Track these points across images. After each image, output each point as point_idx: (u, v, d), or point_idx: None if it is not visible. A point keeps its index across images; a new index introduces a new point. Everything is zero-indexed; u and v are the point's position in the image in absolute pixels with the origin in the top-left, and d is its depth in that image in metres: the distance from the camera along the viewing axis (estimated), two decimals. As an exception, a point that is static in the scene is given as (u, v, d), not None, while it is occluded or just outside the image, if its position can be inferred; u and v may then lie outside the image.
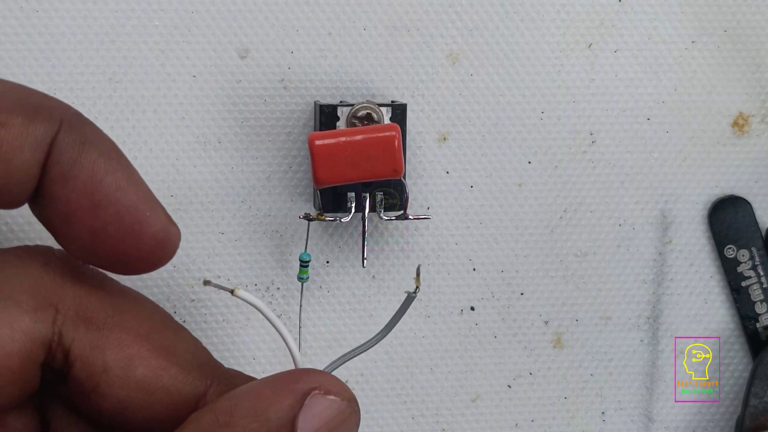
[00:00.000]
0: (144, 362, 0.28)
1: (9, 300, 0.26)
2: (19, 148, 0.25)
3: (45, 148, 0.26)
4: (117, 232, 0.27)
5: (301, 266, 0.36)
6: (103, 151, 0.27)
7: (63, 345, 0.27)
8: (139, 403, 0.28)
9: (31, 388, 0.28)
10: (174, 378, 0.28)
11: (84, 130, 0.27)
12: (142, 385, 0.28)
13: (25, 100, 0.26)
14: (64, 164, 0.26)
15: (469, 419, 0.40)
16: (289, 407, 0.26)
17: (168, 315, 0.30)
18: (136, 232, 0.27)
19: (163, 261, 0.28)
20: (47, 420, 0.30)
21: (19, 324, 0.26)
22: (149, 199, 0.27)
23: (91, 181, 0.26)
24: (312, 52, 0.37)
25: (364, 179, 0.33)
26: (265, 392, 0.27)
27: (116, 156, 0.27)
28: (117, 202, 0.27)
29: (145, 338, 0.28)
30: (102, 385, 0.28)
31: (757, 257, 0.40)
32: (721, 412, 0.42)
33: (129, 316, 0.28)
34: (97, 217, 0.26)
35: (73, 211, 0.26)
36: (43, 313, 0.27)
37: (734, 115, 0.40)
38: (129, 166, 0.27)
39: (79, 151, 0.26)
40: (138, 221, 0.27)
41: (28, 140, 0.26)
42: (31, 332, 0.26)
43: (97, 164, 0.26)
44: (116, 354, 0.28)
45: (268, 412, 0.26)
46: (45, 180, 0.26)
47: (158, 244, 0.27)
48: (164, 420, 0.28)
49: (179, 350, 0.29)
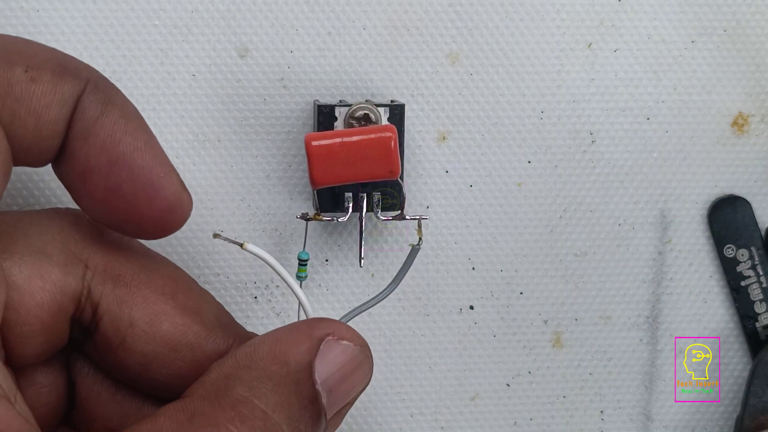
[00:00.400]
0: (169, 319, 0.29)
1: (41, 253, 0.27)
2: (48, 103, 0.26)
3: (71, 105, 0.27)
4: (131, 192, 0.27)
5: (300, 265, 0.36)
6: (125, 113, 0.28)
7: (92, 299, 0.29)
8: (164, 358, 0.29)
9: (60, 342, 0.29)
10: (198, 335, 0.30)
11: (108, 92, 0.28)
12: (167, 341, 0.29)
13: (54, 60, 0.27)
14: (87, 121, 0.27)
15: (468, 418, 0.41)
16: (306, 351, 0.28)
17: (192, 279, 0.32)
18: (149, 193, 0.28)
19: (174, 226, 0.29)
20: (73, 378, 0.31)
21: (50, 276, 0.27)
22: (164, 164, 0.28)
23: (111, 139, 0.27)
24: (312, 51, 0.37)
25: (361, 180, 0.33)
26: (283, 338, 0.28)
27: (136, 119, 0.28)
28: (132, 162, 0.27)
29: (170, 297, 0.30)
30: (128, 339, 0.29)
31: (757, 257, 0.40)
32: (720, 411, 0.42)
33: (155, 275, 0.30)
34: (112, 174, 0.27)
35: (91, 168, 0.27)
36: (73, 267, 0.28)
37: (734, 114, 0.40)
38: (148, 131, 0.28)
39: (102, 110, 0.27)
40: (151, 183, 0.28)
41: (57, 96, 0.27)
42: (62, 285, 0.28)
43: (118, 124, 0.27)
44: (143, 310, 0.29)
45: (287, 355, 0.27)
46: (68, 136, 0.27)
47: (170, 207, 0.28)
48: (187, 377, 0.29)
49: (203, 310, 0.30)
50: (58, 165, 0.28)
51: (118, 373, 0.30)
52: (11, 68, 0.26)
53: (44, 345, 0.28)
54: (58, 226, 0.29)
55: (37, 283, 0.27)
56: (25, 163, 0.28)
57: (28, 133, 0.27)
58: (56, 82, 0.27)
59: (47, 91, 0.26)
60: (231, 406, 0.26)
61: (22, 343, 0.27)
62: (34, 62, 0.26)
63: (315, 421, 0.27)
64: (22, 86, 0.26)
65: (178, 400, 0.27)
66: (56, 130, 0.27)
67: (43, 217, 0.29)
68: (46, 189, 0.36)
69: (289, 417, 0.27)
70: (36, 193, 0.36)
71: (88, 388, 0.31)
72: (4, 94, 0.26)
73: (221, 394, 0.26)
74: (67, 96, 0.27)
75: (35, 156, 0.27)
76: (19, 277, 0.27)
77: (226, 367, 0.28)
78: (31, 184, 0.36)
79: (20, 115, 0.26)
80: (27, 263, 0.27)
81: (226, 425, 0.25)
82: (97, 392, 0.31)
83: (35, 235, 0.28)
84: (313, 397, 0.27)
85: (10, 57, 0.26)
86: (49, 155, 0.28)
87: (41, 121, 0.27)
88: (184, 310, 0.30)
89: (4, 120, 0.26)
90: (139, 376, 0.30)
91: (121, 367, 0.30)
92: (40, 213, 0.29)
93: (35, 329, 0.27)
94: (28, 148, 0.27)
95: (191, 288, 0.31)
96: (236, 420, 0.25)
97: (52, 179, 0.36)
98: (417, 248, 0.34)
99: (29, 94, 0.26)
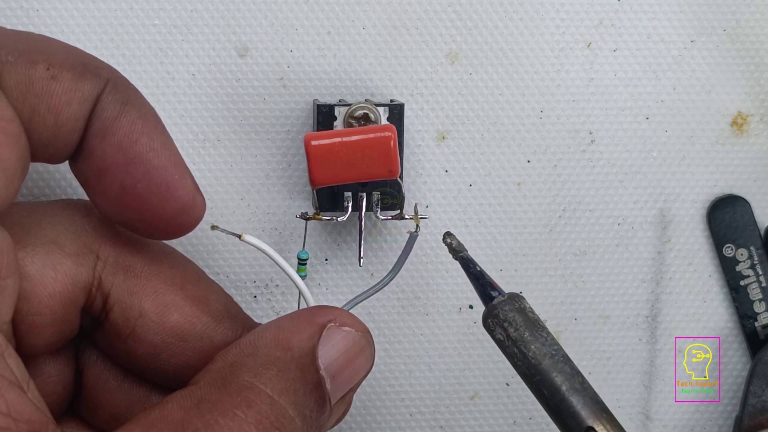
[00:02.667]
0: (178, 310, 0.30)
1: (53, 244, 0.28)
2: (67, 101, 0.27)
3: (91, 103, 0.27)
4: (145, 191, 0.28)
5: (299, 264, 0.36)
6: (143, 113, 0.28)
7: (102, 290, 0.29)
8: (173, 348, 0.30)
9: (70, 332, 0.29)
10: (206, 326, 0.30)
11: (127, 92, 0.28)
12: (176, 332, 0.30)
13: (75, 59, 0.28)
14: (105, 120, 0.28)
15: (467, 417, 0.41)
16: (309, 337, 0.28)
17: (201, 270, 0.32)
18: (163, 193, 0.28)
19: (187, 228, 0.29)
20: (80, 367, 0.31)
21: (62, 266, 0.28)
22: (179, 165, 0.29)
23: (127, 138, 0.28)
24: (311, 51, 0.38)
25: (360, 180, 0.34)
26: (285, 325, 0.29)
27: (154, 120, 0.28)
28: (148, 162, 0.28)
29: (179, 288, 0.30)
30: (138, 329, 0.29)
31: (756, 256, 0.40)
32: (720, 411, 0.42)
33: (165, 267, 0.30)
34: (128, 173, 0.28)
35: (107, 166, 0.28)
36: (84, 258, 0.28)
37: (733, 114, 0.40)
38: (165, 133, 0.29)
39: (120, 110, 0.28)
40: (165, 183, 0.28)
41: (77, 95, 0.27)
42: (73, 275, 0.28)
43: (135, 124, 0.28)
44: (152, 301, 0.29)
45: (290, 341, 0.28)
46: (86, 134, 0.28)
47: (183, 208, 0.29)
48: (196, 366, 0.29)
49: (212, 301, 0.31)
50: (75, 162, 0.29)
51: (127, 362, 0.30)
52: (33, 66, 0.26)
53: (55, 335, 0.28)
54: (70, 217, 0.29)
55: (50, 273, 0.27)
56: (43, 159, 0.28)
57: (47, 130, 0.27)
58: (77, 81, 0.27)
59: (67, 89, 0.27)
60: (237, 391, 0.26)
61: (33, 333, 0.27)
62: (56, 60, 0.27)
63: (320, 405, 0.28)
64: (43, 84, 0.26)
65: (185, 388, 0.27)
66: (75, 127, 0.27)
67: (56, 208, 0.29)
68: (63, 185, 0.36)
69: (295, 402, 0.27)
70: (52, 189, 0.36)
71: (96, 376, 0.31)
72: (25, 91, 0.26)
73: (227, 380, 0.27)
74: (87, 95, 0.27)
75: (53, 152, 0.28)
76: (31, 268, 0.27)
77: (231, 355, 0.28)
78: (46, 181, 0.36)
79: (40, 111, 0.27)
80: (40, 254, 0.27)
81: (232, 410, 0.25)
82: (105, 381, 0.31)
83: (48, 225, 0.28)
84: (317, 383, 0.28)
85: (32, 55, 0.27)
86: (67, 152, 0.28)
87: (60, 118, 0.27)
88: (193, 301, 0.30)
89: (24, 116, 0.26)
90: (147, 365, 0.30)
91: (130, 356, 0.30)
92: (53, 204, 0.30)
93: (47, 319, 0.27)
94: (47, 144, 0.27)
95: (200, 279, 0.31)
96: (243, 405, 0.26)
97: (68, 176, 0.36)
98: (415, 235, 0.35)
99: (50, 92, 0.27)
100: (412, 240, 0.35)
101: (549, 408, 0.30)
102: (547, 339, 0.30)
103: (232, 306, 0.32)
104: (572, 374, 0.30)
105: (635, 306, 0.41)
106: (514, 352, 0.30)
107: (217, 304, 0.31)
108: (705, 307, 0.41)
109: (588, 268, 0.41)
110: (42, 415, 0.24)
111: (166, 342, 0.30)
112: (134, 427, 0.25)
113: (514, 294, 0.31)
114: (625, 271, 0.41)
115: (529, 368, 0.30)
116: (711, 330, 0.41)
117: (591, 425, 0.29)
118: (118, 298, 0.29)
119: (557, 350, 0.30)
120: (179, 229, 0.29)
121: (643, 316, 0.41)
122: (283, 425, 0.26)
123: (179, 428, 0.25)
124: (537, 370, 0.30)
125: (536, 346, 0.30)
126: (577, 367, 0.31)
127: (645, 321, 0.41)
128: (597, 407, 0.30)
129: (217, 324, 0.30)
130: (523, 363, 0.30)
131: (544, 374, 0.30)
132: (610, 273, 0.41)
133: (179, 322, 0.30)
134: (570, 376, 0.30)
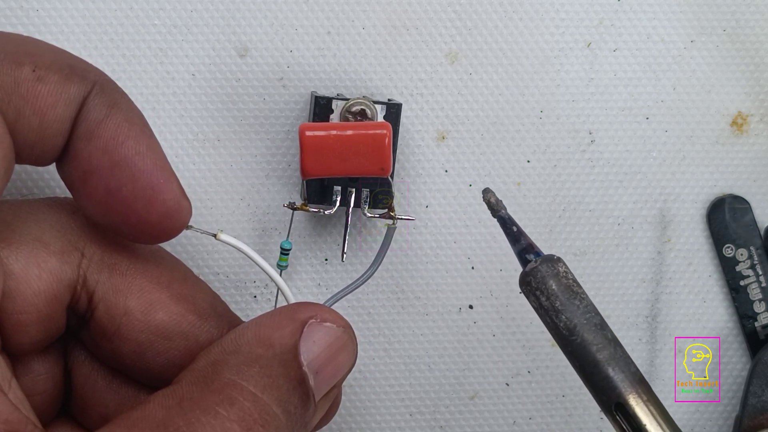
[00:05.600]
0: (164, 308, 0.30)
1: (37, 242, 0.28)
2: (53, 103, 0.27)
3: (77, 106, 0.27)
4: (131, 194, 0.28)
5: (282, 254, 0.36)
6: (129, 117, 0.28)
7: (87, 288, 0.29)
8: (158, 347, 0.30)
9: (56, 330, 0.29)
10: (192, 324, 0.30)
11: (114, 95, 0.28)
12: (161, 330, 0.30)
13: (62, 61, 0.28)
14: (91, 122, 0.27)
15: (467, 417, 0.41)
16: (290, 334, 0.28)
17: (188, 269, 0.32)
18: (149, 197, 0.28)
19: (172, 232, 0.29)
20: (69, 367, 0.31)
21: (47, 264, 0.28)
22: (165, 169, 0.28)
23: (113, 141, 0.28)
24: (311, 50, 0.38)
25: (352, 174, 0.33)
26: (266, 322, 0.29)
27: (140, 124, 0.28)
28: (134, 166, 0.28)
29: (165, 286, 0.30)
30: (123, 328, 0.29)
31: (756, 256, 0.40)
32: (720, 411, 0.42)
33: (151, 265, 0.30)
34: (113, 176, 0.28)
35: (93, 169, 0.28)
36: (69, 255, 0.28)
37: (733, 114, 0.40)
38: (152, 136, 0.29)
39: (106, 112, 0.28)
40: (151, 187, 0.28)
41: (63, 97, 0.27)
42: (58, 273, 0.28)
43: (121, 127, 0.28)
44: (137, 299, 0.29)
45: (272, 338, 0.28)
46: (72, 137, 0.28)
47: (168, 212, 0.28)
48: (182, 365, 0.29)
49: (197, 299, 0.31)
50: (61, 165, 0.29)
51: (114, 361, 0.30)
52: (19, 67, 0.26)
53: (41, 333, 0.28)
54: (55, 215, 0.29)
55: (34, 271, 0.27)
56: (28, 161, 0.28)
57: (32, 132, 0.27)
58: (63, 83, 0.27)
59: (53, 92, 0.27)
60: (219, 389, 0.26)
61: (18, 331, 0.27)
62: (42, 62, 0.27)
63: (304, 402, 0.28)
64: (29, 85, 0.26)
65: (167, 387, 0.27)
66: (60, 129, 0.27)
67: (41, 205, 0.29)
68: (52, 185, 0.36)
69: (279, 398, 0.27)
70: (41, 189, 0.36)
71: (85, 376, 0.31)
72: (11, 92, 0.26)
73: (209, 379, 0.27)
74: (73, 97, 0.27)
75: (39, 154, 0.28)
76: (16, 266, 0.27)
77: (213, 354, 0.28)
78: (35, 181, 0.36)
79: (25, 113, 0.26)
80: (24, 252, 0.27)
81: (214, 408, 0.25)
82: (94, 380, 0.31)
83: (33, 223, 0.28)
84: (300, 379, 0.28)
85: (18, 56, 0.27)
86: (53, 155, 0.28)
87: (46, 120, 0.27)
88: (179, 300, 0.30)
89: (9, 117, 0.26)
90: (134, 364, 0.30)
91: (116, 355, 0.30)
92: (38, 202, 0.30)
93: (32, 317, 0.27)
94: (32, 146, 0.27)
95: (186, 277, 0.31)
96: (225, 402, 0.26)
97: (56, 177, 0.36)
98: (393, 227, 0.35)
99: (35, 94, 0.26)
100: (390, 233, 0.35)
101: (584, 378, 0.30)
102: (579, 306, 0.29)
103: (218, 304, 0.32)
104: (606, 343, 0.29)
105: (635, 306, 0.41)
106: (547, 321, 0.30)
107: (203, 303, 0.31)
108: (705, 307, 0.41)
109: (588, 268, 0.41)
110: (21, 414, 0.24)
111: (151, 340, 0.30)
112: (115, 427, 0.25)
113: (548, 257, 0.30)
114: (625, 271, 0.41)
115: (561, 338, 0.29)
116: (711, 330, 0.41)
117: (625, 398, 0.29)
118: (103, 296, 0.29)
119: (590, 318, 0.29)
120: (164, 233, 0.29)
121: (643, 316, 0.41)
122: (267, 422, 0.26)
123: (161, 427, 0.25)
124: (568, 341, 0.29)
125: (567, 315, 0.29)
126: (613, 334, 0.30)
127: (645, 321, 0.41)
128: (633, 378, 0.29)
129: (202, 322, 0.30)
130: (556, 333, 0.30)
131: (576, 345, 0.29)
132: (610, 273, 0.41)
133: (164, 320, 0.30)
134: (603, 346, 0.29)
